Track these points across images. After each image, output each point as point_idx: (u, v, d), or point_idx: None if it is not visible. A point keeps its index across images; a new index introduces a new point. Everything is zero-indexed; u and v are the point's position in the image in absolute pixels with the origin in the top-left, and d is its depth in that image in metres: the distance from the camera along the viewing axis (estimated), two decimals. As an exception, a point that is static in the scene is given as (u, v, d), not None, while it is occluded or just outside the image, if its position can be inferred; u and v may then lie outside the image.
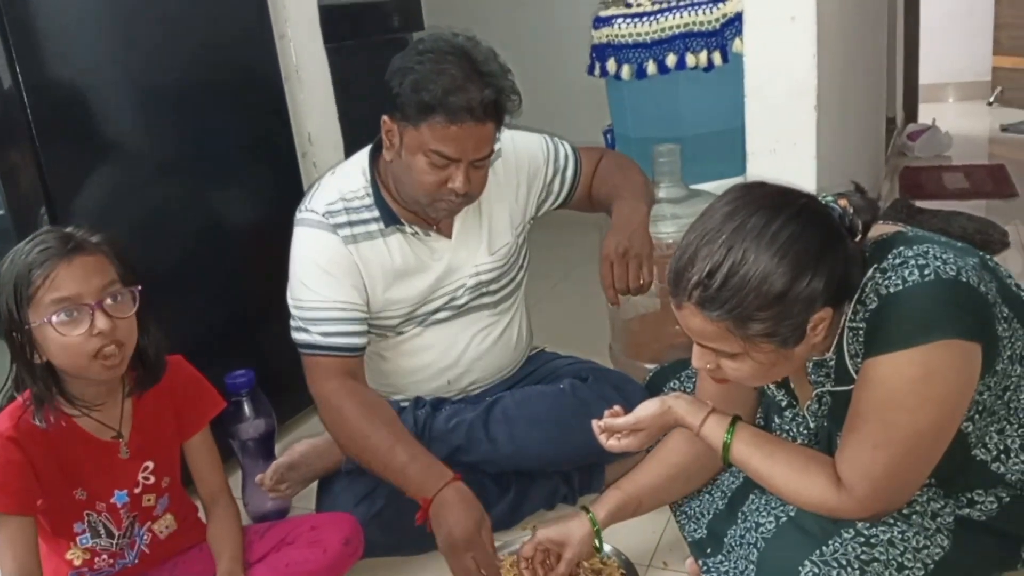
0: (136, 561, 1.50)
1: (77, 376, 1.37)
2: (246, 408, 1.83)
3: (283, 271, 1.76)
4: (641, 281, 1.76)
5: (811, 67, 2.01)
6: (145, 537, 1.51)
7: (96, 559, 1.46)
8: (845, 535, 1.30)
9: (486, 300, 1.84)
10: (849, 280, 1.23)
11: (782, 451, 1.35)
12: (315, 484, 1.83)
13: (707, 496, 1.57)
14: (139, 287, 1.39)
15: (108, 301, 1.34)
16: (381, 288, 1.72)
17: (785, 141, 2.03)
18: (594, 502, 1.52)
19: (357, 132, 2.43)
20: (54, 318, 1.30)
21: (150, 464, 1.49)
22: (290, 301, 1.71)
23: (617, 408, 1.50)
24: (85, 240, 1.35)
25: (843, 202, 1.28)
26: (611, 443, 1.47)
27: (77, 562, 1.44)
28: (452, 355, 1.83)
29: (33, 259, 1.30)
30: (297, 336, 1.70)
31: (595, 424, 1.49)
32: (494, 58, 1.60)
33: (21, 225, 1.74)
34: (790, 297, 1.17)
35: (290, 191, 2.27)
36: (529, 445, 1.76)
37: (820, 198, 1.27)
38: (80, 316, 1.31)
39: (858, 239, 1.25)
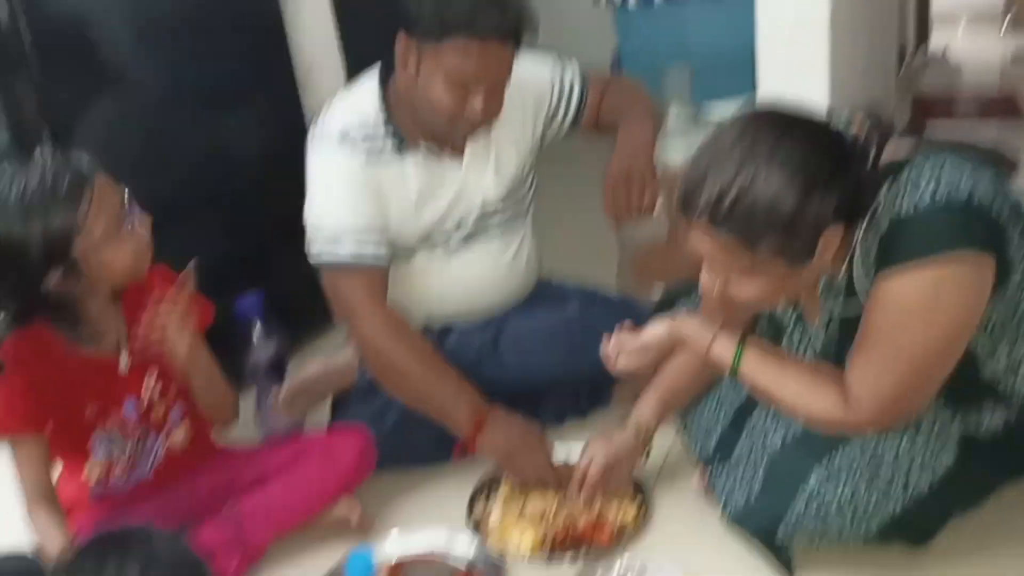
0: (150, 474, 1.53)
1: (120, 282, 1.40)
2: (257, 331, 1.84)
3: (287, 195, 1.74)
4: (645, 204, 1.75)
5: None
6: (160, 449, 1.54)
7: (112, 473, 1.49)
8: (852, 449, 1.32)
9: (495, 221, 1.83)
10: (860, 200, 1.23)
11: (790, 368, 1.36)
12: (328, 401, 1.87)
13: (713, 412, 1.59)
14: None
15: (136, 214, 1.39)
16: (397, 212, 1.71)
17: (797, 64, 2.00)
18: (639, 410, 1.58)
19: (358, 51, 2.40)
20: (129, 222, 1.37)
21: (154, 373, 1.51)
22: (311, 226, 1.68)
23: (625, 327, 1.51)
24: (82, 165, 1.37)
25: (856, 123, 1.27)
26: (619, 364, 1.49)
27: (95, 478, 1.48)
28: (461, 283, 1.83)
29: (65, 191, 1.31)
30: (324, 257, 1.66)
31: (603, 345, 1.50)
32: None
33: (24, 154, 1.73)
34: (800, 217, 1.17)
35: (291, 113, 2.26)
36: (537, 367, 1.78)
37: (833, 119, 1.26)
38: (123, 226, 1.38)
39: (871, 159, 1.24)
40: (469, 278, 1.83)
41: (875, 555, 1.38)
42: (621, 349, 1.46)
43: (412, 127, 1.70)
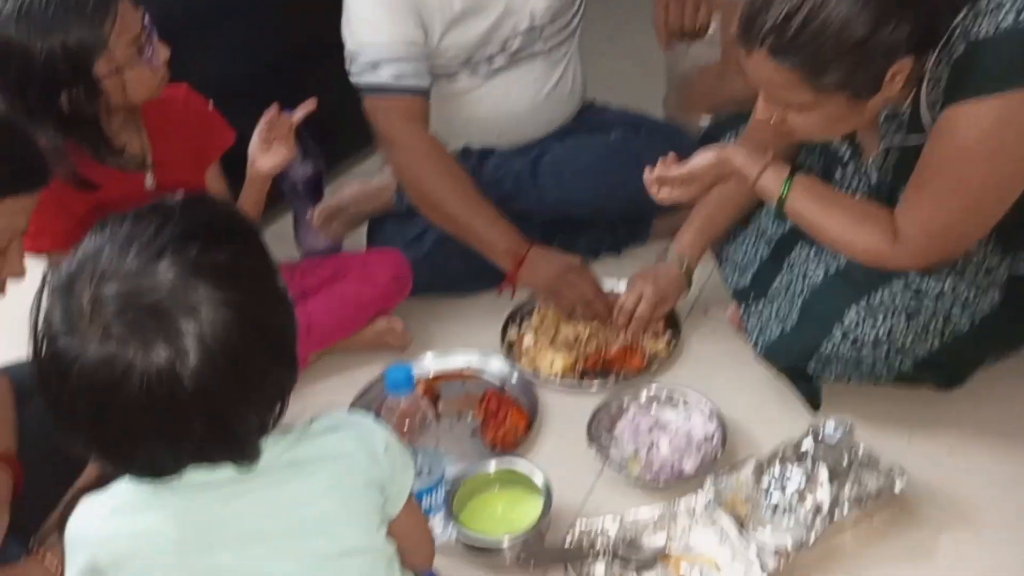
0: None
1: (137, 103, 1.38)
2: (295, 150, 1.82)
3: (326, 10, 1.66)
4: (697, 23, 1.64)
5: None
6: None
7: None
8: (895, 285, 1.30)
9: (539, 47, 1.75)
10: (936, 27, 1.14)
11: (839, 203, 1.32)
12: (365, 226, 1.87)
13: (752, 245, 1.57)
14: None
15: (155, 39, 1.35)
16: (439, 29, 1.64)
17: None
18: (681, 243, 1.58)
19: None
20: (148, 49, 1.32)
21: (180, 192, 1.51)
22: (350, 42, 1.62)
23: (670, 157, 1.46)
24: None
25: None
26: (662, 194, 1.45)
27: None
28: (504, 107, 1.77)
29: (91, 8, 1.26)
30: (363, 79, 1.62)
31: (647, 174, 1.46)
32: None
33: None
34: (870, 45, 1.10)
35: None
36: (576, 194, 1.75)
37: None
38: (148, 46, 1.34)
39: None
40: (511, 103, 1.77)
41: (902, 396, 1.39)
42: (665, 177, 1.42)
43: None
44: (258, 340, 0.74)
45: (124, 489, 0.81)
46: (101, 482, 0.88)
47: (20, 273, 1.08)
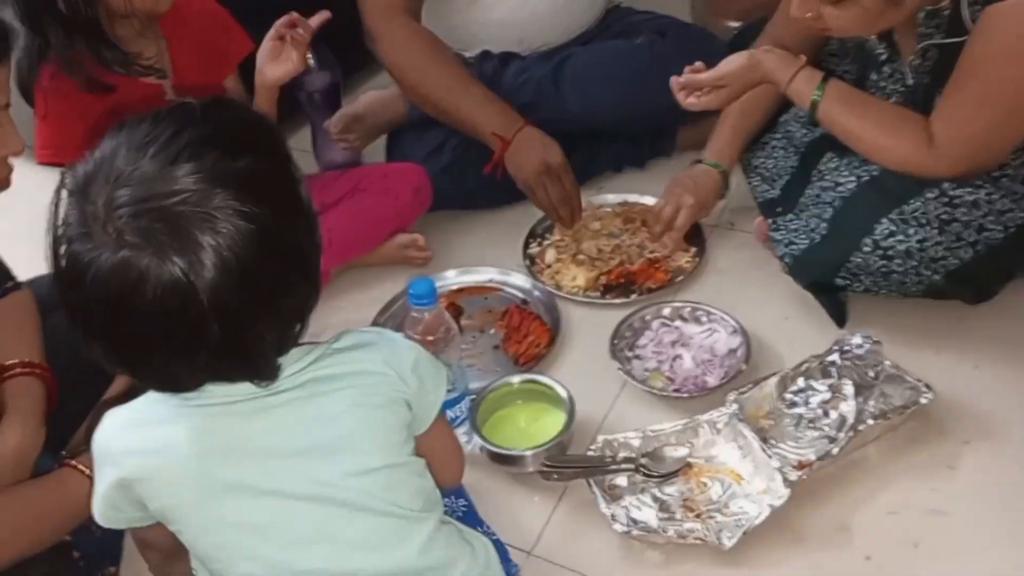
0: None
1: (141, 12, 1.33)
2: (310, 60, 1.77)
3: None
4: None
5: None
6: None
7: None
8: (928, 194, 1.27)
9: (562, -56, 1.68)
10: None
11: (873, 108, 1.29)
12: (384, 141, 1.84)
13: (781, 153, 1.53)
14: None
15: None
16: None
17: None
18: (715, 148, 1.55)
19: None
20: None
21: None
22: None
23: (699, 64, 1.41)
24: None
25: None
26: (690, 100, 1.41)
27: None
28: (525, 10, 1.70)
29: None
30: None
31: (674, 80, 1.41)
32: None
33: None
34: None
35: None
36: (600, 103, 1.69)
37: None
38: None
39: None
40: (533, 5, 1.71)
41: (929, 310, 1.37)
42: (694, 81, 1.37)
43: None
44: (278, 255, 0.72)
45: (147, 402, 0.81)
46: (130, 393, 0.88)
47: (19, 148, 1.06)
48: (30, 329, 1.16)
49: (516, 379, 1.32)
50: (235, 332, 0.71)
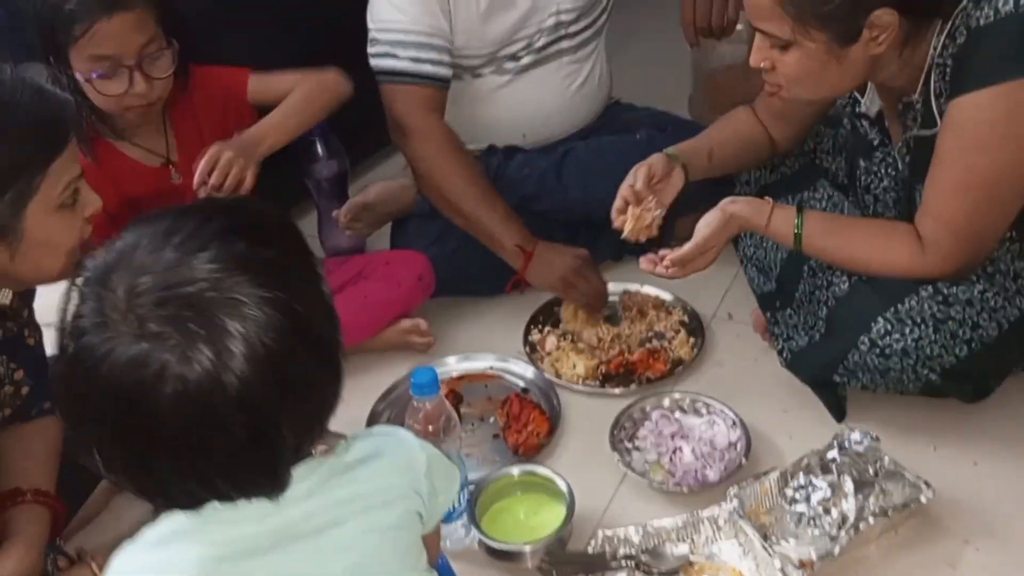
0: None
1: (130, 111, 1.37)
2: (319, 148, 1.83)
3: (348, 3, 1.67)
4: (725, 21, 1.62)
5: None
6: None
7: None
8: (923, 293, 1.29)
9: (566, 44, 1.75)
10: None
11: (858, 229, 1.32)
12: (389, 225, 1.87)
13: (771, 247, 1.56)
14: (176, 46, 1.35)
15: (147, 63, 1.32)
16: (465, 22, 1.64)
17: None
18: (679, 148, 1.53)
19: None
20: (92, 74, 1.29)
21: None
22: (373, 24, 1.62)
23: (663, 252, 1.40)
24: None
25: None
26: (673, 271, 1.39)
27: None
28: (531, 107, 1.76)
29: (70, 10, 1.26)
30: (381, 63, 1.62)
31: (645, 261, 1.40)
32: None
33: None
34: None
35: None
36: (600, 194, 1.70)
37: None
38: (118, 76, 1.31)
39: None
40: (537, 102, 1.77)
41: (927, 405, 1.38)
42: (680, 260, 1.38)
43: None
44: (305, 345, 0.68)
45: (154, 544, 0.74)
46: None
47: (98, 203, 1.08)
48: (50, 458, 1.17)
49: (516, 470, 1.32)
50: (258, 431, 0.67)
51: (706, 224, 1.37)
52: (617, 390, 1.52)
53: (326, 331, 0.72)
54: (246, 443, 0.67)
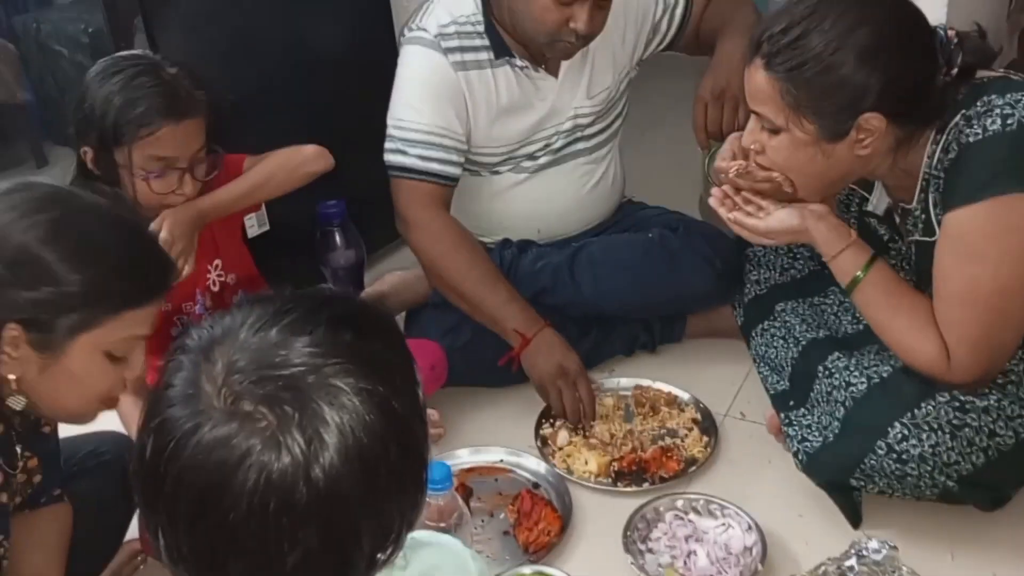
0: None
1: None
2: (337, 238, 1.87)
3: (372, 99, 1.72)
4: (736, 125, 1.67)
5: None
6: None
7: None
8: (940, 399, 1.29)
9: (581, 146, 1.80)
10: (920, 103, 1.20)
11: (907, 304, 1.30)
12: (402, 315, 1.88)
13: (780, 343, 1.57)
14: (221, 152, 1.42)
15: (195, 165, 1.38)
16: (484, 122, 1.69)
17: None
18: None
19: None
20: (148, 173, 1.35)
21: (218, 262, 1.55)
22: (391, 122, 1.68)
23: (749, 196, 1.37)
24: (190, 98, 1.35)
25: (952, 33, 1.24)
26: (733, 215, 1.38)
27: None
28: (546, 204, 1.81)
29: (142, 111, 1.31)
30: (392, 158, 1.67)
31: (716, 192, 1.41)
32: None
33: (117, 32, 1.76)
34: (843, 77, 1.18)
35: (379, 18, 2.20)
36: (613, 291, 1.76)
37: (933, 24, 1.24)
38: (170, 177, 1.37)
39: (951, 68, 1.21)
40: (552, 200, 1.81)
41: (944, 510, 1.36)
42: (741, 224, 1.37)
43: (511, 36, 1.66)
44: (398, 447, 0.64)
45: None
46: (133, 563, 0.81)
47: (141, 371, 1.06)
48: (60, 549, 1.17)
49: (527, 571, 1.29)
50: (336, 534, 0.62)
51: (780, 218, 1.34)
52: (629, 489, 1.50)
53: (419, 438, 0.68)
54: (321, 548, 0.62)
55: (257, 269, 1.67)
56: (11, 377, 0.97)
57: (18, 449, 1.07)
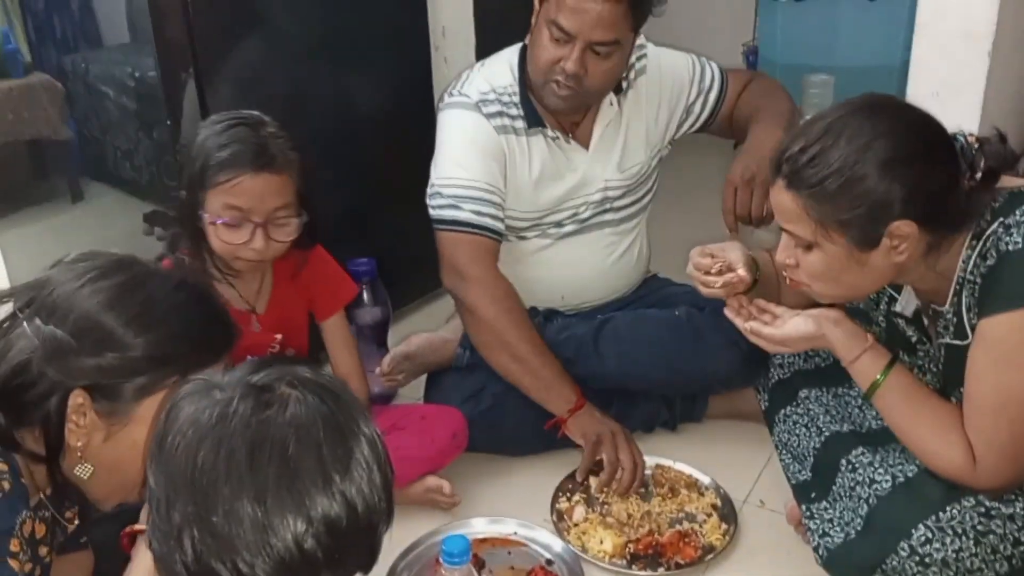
0: None
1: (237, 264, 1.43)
2: (365, 295, 1.88)
3: (407, 160, 1.76)
4: (765, 210, 1.69)
5: (992, 6, 1.84)
6: None
7: None
8: (965, 503, 1.27)
9: (609, 217, 1.82)
10: (947, 208, 1.20)
11: (929, 407, 1.30)
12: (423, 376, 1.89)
13: (803, 431, 1.55)
14: (306, 218, 1.42)
15: (272, 225, 1.38)
16: (516, 186, 1.72)
17: (951, 86, 1.89)
18: None
19: (489, 28, 2.40)
20: (218, 219, 1.35)
21: (278, 337, 1.56)
22: (437, 180, 1.69)
23: (764, 305, 1.41)
24: (279, 155, 1.36)
25: (972, 138, 1.25)
26: (749, 324, 1.40)
27: None
28: (571, 271, 1.82)
29: (225, 157, 1.33)
30: (445, 213, 1.67)
31: (738, 320, 1.42)
32: None
33: (168, 80, 1.80)
34: (866, 189, 1.18)
35: (418, 84, 2.26)
36: (636, 366, 1.76)
37: (952, 132, 1.25)
38: (243, 228, 1.36)
39: (975, 173, 1.22)
40: (576, 268, 1.83)
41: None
42: (757, 334, 1.39)
43: (543, 105, 1.69)
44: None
45: None
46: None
47: None
48: None
49: (539, 651, 1.27)
50: None
51: (795, 326, 1.36)
52: (644, 573, 1.48)
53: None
54: None
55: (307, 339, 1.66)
56: (78, 445, 0.96)
57: (68, 504, 1.08)
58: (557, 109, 1.68)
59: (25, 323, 0.95)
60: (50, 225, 2.48)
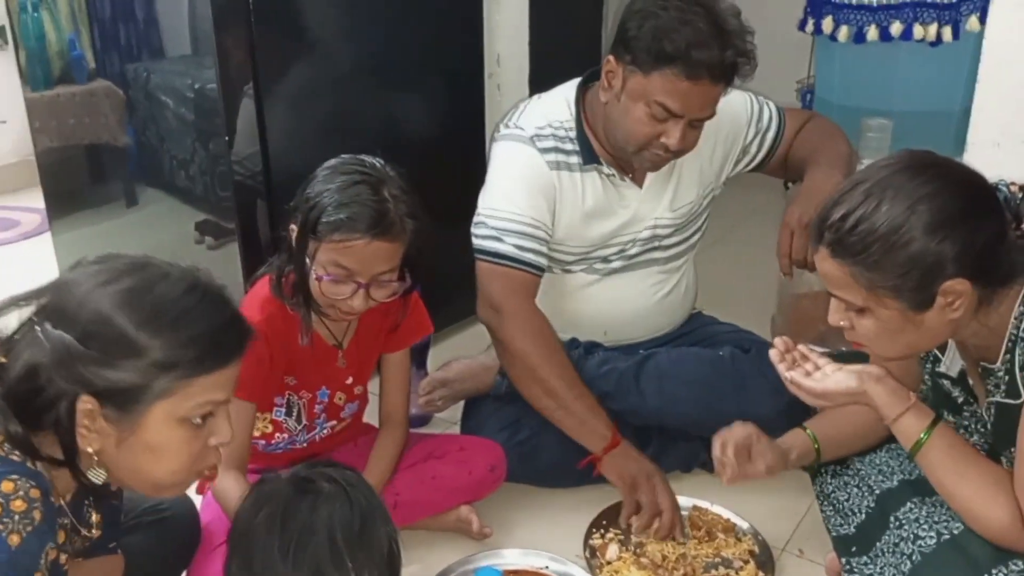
0: (306, 445, 1.59)
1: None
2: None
3: (455, 185, 1.76)
4: None
5: (1057, 57, 1.81)
6: (325, 430, 1.59)
7: (277, 434, 1.55)
8: (1013, 567, 1.23)
9: (657, 255, 1.81)
10: (998, 262, 1.17)
11: (974, 468, 1.27)
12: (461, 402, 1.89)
13: (855, 491, 1.51)
14: (408, 282, 1.43)
15: (375, 286, 1.37)
16: (567, 221, 1.71)
17: (1013, 135, 1.86)
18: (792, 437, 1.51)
19: (543, 57, 2.41)
20: (323, 272, 1.35)
21: (350, 380, 1.57)
22: (484, 210, 1.69)
23: (807, 352, 1.38)
24: (396, 222, 1.34)
25: (1015, 187, 1.23)
26: (791, 374, 1.35)
27: (259, 432, 1.52)
28: (615, 307, 1.81)
29: (342, 219, 1.31)
30: (487, 244, 1.67)
31: (782, 370, 1.37)
32: (736, 16, 1.53)
33: (227, 93, 1.83)
34: (914, 253, 1.15)
35: (471, 110, 2.27)
36: (677, 404, 1.74)
37: (994, 182, 1.22)
38: (346, 285, 1.36)
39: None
40: (622, 304, 1.82)
41: None
42: (798, 385, 1.36)
43: (601, 143, 1.69)
44: None
45: None
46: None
47: (226, 437, 1.03)
48: None
49: None
50: None
51: (837, 381, 1.32)
52: (677, 616, 1.45)
53: None
54: None
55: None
56: (90, 450, 0.96)
57: (90, 511, 1.08)
58: (649, 172, 1.71)
59: (36, 327, 0.94)
60: (104, 228, 2.53)
